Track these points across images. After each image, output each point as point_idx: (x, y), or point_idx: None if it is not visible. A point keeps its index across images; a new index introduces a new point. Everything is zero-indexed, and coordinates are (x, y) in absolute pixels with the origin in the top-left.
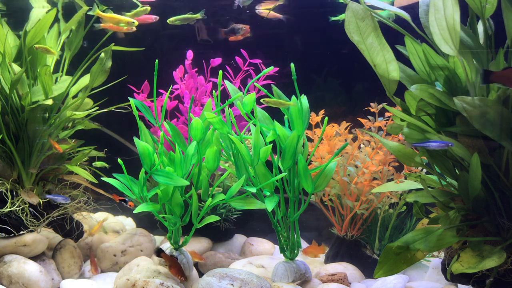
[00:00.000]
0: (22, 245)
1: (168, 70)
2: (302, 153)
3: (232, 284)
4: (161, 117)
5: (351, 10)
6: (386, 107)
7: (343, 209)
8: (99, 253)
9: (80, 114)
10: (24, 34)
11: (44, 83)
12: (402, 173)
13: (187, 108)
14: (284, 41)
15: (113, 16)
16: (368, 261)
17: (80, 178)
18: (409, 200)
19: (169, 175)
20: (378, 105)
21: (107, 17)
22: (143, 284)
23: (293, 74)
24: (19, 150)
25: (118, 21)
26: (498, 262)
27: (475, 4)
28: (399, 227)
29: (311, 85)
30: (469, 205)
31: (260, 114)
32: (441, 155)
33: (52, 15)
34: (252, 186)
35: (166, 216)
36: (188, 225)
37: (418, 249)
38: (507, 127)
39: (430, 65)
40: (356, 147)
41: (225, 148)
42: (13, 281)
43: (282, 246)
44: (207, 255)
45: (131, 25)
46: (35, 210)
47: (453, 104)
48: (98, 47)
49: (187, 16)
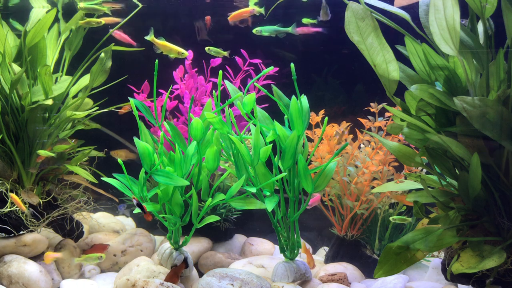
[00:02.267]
0: (22, 245)
1: (168, 70)
2: (302, 153)
3: (232, 284)
4: (161, 117)
5: (351, 10)
6: (386, 107)
7: (343, 209)
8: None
9: (80, 114)
10: (24, 34)
11: (44, 83)
12: (402, 173)
13: (187, 108)
14: (284, 41)
15: (166, 44)
16: (368, 261)
17: (80, 178)
18: (409, 200)
19: (169, 175)
20: (378, 105)
21: (160, 44)
22: (143, 284)
23: (293, 74)
24: (19, 150)
25: (170, 50)
26: (498, 262)
27: (475, 4)
28: (399, 227)
29: (311, 85)
30: (469, 205)
31: (260, 114)
32: (441, 155)
33: (52, 15)
34: (252, 186)
35: (166, 216)
36: (188, 225)
37: (418, 249)
38: (507, 127)
39: (430, 65)
40: (356, 147)
41: (225, 148)
42: (13, 281)
43: (282, 246)
44: (207, 255)
45: (181, 55)
46: (35, 210)
47: (453, 104)
48: (98, 47)
49: (276, 28)
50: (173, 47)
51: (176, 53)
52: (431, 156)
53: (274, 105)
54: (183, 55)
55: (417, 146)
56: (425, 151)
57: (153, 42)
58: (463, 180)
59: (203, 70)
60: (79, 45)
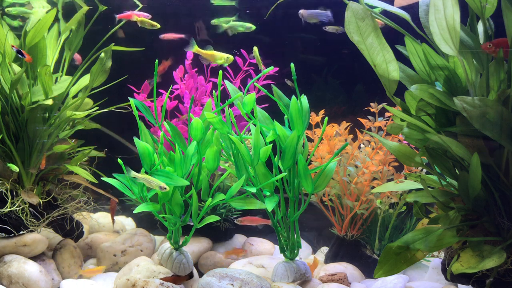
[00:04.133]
0: (22, 245)
1: (168, 70)
2: (302, 153)
3: (232, 284)
4: (161, 117)
5: (351, 10)
6: (386, 107)
7: (343, 209)
8: (99, 253)
9: (80, 114)
10: (24, 34)
11: (44, 83)
12: (402, 173)
13: (187, 108)
14: (284, 41)
15: (212, 53)
16: (368, 261)
17: (80, 178)
18: (409, 200)
19: (169, 175)
20: (378, 105)
21: (206, 54)
22: (143, 284)
23: (293, 74)
24: (19, 150)
25: (215, 57)
26: (498, 262)
27: (475, 4)
28: (399, 227)
29: (311, 85)
30: (469, 205)
31: (260, 114)
32: (441, 155)
33: (52, 15)
34: (252, 186)
35: (166, 216)
36: (188, 225)
37: (418, 249)
38: (507, 127)
39: (430, 65)
40: (356, 147)
41: (225, 148)
42: (13, 281)
43: (282, 246)
44: (207, 255)
45: (227, 60)
46: (35, 210)
47: (453, 104)
48: (98, 47)
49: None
50: (218, 54)
51: (222, 59)
52: (431, 156)
53: (274, 105)
54: (229, 60)
55: (417, 146)
56: (425, 151)
57: (198, 53)
58: (463, 180)
59: (203, 70)
60: (79, 45)
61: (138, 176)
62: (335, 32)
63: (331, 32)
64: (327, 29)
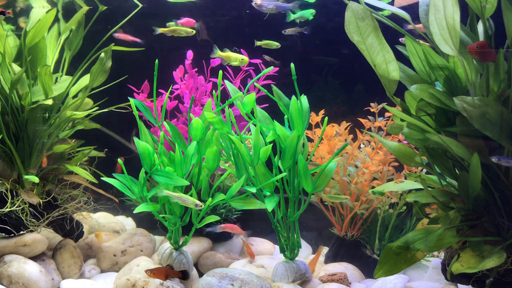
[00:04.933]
0: (22, 245)
1: (168, 70)
2: (302, 153)
3: (232, 284)
4: (161, 117)
5: (351, 10)
6: (386, 107)
7: (343, 209)
8: (99, 253)
9: (80, 114)
10: (24, 34)
11: (44, 83)
12: (402, 173)
13: (187, 108)
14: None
15: (229, 55)
16: (368, 261)
17: (80, 178)
18: (409, 200)
19: (169, 175)
20: (378, 105)
21: (225, 56)
22: (143, 284)
23: (293, 74)
24: (19, 150)
25: (231, 59)
26: (498, 262)
27: (475, 4)
28: (399, 227)
29: (311, 85)
30: (469, 205)
31: (260, 114)
32: (441, 155)
33: (52, 15)
34: (252, 186)
35: (166, 216)
36: (188, 225)
37: (418, 249)
38: (507, 127)
39: (430, 65)
40: (356, 147)
41: (225, 148)
42: (13, 281)
43: (282, 246)
44: (207, 255)
45: (242, 62)
46: (35, 210)
47: (453, 104)
48: (98, 47)
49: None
50: (233, 56)
51: (237, 60)
52: (431, 156)
53: (274, 105)
54: (244, 62)
55: (417, 146)
56: (425, 151)
57: (220, 58)
58: (463, 180)
59: (203, 70)
60: (79, 45)
61: (172, 195)
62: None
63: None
64: (286, 32)
